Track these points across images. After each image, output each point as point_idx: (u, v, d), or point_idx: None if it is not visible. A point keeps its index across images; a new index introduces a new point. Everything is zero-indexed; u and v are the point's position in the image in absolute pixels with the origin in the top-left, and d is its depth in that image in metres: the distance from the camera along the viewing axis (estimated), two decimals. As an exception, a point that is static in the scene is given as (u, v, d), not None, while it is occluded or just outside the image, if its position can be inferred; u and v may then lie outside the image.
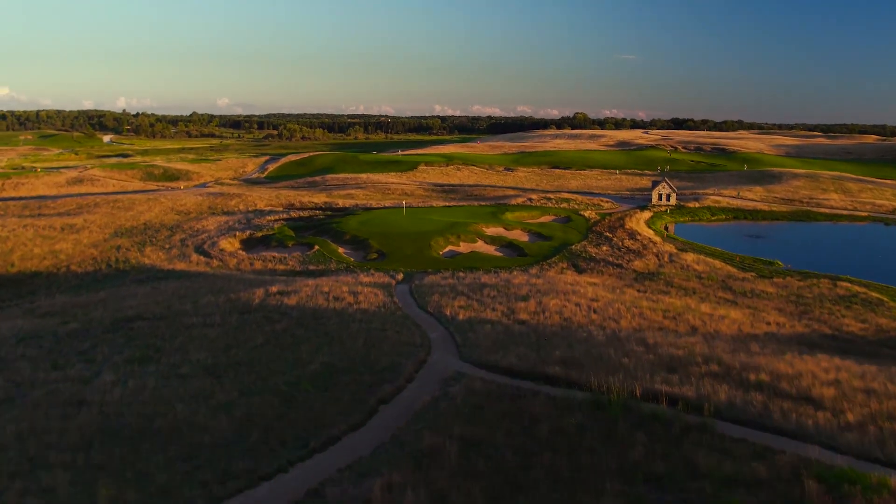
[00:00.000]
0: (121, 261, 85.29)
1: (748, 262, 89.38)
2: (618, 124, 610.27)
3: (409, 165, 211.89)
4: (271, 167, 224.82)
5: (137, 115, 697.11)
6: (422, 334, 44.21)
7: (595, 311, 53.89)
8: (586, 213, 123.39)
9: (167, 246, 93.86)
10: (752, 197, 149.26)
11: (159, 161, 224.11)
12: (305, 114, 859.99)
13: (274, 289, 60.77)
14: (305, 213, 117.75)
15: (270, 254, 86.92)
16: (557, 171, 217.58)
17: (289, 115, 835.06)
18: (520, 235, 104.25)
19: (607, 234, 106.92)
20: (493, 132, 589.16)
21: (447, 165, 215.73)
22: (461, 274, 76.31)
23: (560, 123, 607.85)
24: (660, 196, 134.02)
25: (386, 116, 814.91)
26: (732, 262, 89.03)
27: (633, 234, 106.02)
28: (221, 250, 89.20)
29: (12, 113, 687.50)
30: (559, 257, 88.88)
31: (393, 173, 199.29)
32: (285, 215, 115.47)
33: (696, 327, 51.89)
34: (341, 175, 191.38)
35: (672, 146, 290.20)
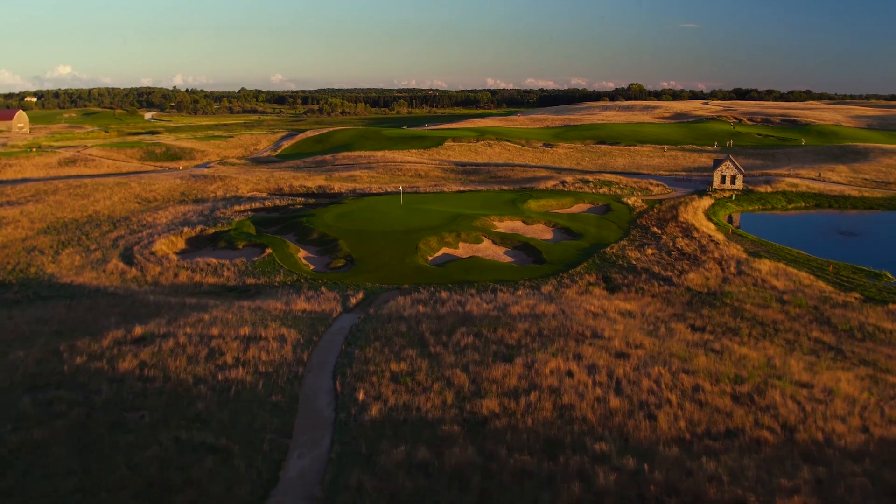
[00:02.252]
0: (19, 268, 66.97)
1: (845, 273, 66.10)
2: (675, 96, 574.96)
3: (435, 141, 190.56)
4: (286, 144, 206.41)
5: (187, 91, 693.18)
6: (268, 470, 23.77)
7: (618, 390, 32.53)
8: (630, 201, 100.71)
9: (93, 247, 75.32)
10: (837, 179, 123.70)
11: (168, 139, 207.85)
12: (356, 88, 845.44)
13: (139, 330, 41.26)
14: (283, 202, 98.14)
15: (208, 259, 67.44)
16: (603, 146, 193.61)
17: (339, 90, 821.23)
18: (541, 232, 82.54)
19: (655, 229, 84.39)
20: (544, 105, 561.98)
21: (477, 141, 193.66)
22: (443, 294, 55.59)
23: (613, 95, 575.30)
24: (723, 178, 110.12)
25: (434, 90, 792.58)
26: (824, 273, 65.88)
27: (688, 230, 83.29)
28: (152, 253, 70.14)
29: (65, 91, 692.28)
30: (587, 265, 67.11)
31: (414, 150, 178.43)
32: (259, 204, 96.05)
33: (790, 426, 30.10)
34: (355, 153, 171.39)
35: (736, 118, 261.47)
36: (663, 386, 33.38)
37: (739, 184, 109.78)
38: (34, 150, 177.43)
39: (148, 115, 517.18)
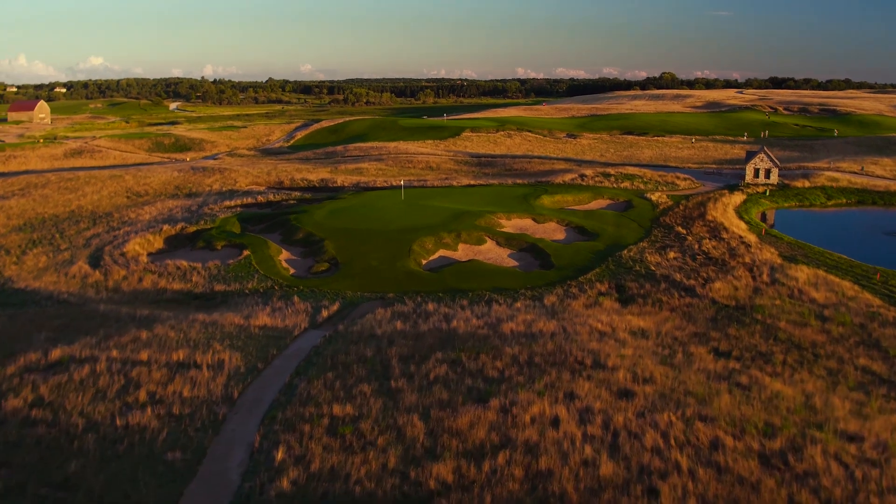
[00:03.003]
0: (-23, 270, 61.72)
1: (895, 282, 58.07)
2: (709, 85, 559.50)
3: (452, 132, 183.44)
4: (300, 135, 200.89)
5: (214, 81, 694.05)
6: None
7: (614, 448, 25.70)
8: (654, 196, 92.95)
9: (64, 247, 69.92)
10: (881, 172, 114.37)
11: (179, 130, 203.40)
12: (384, 78, 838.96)
13: (56, 353, 35.47)
14: (278, 197, 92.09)
15: (179, 262, 61.50)
16: (629, 137, 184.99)
17: (367, 80, 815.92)
18: (552, 231, 75.38)
19: (679, 229, 76.77)
20: (573, 94, 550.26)
21: (497, 131, 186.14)
22: (430, 306, 49.01)
23: (644, 85, 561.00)
24: (756, 171, 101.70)
25: (462, 80, 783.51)
26: (870, 282, 57.95)
27: (716, 230, 75.54)
28: (122, 255, 64.46)
29: (94, 81, 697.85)
30: (600, 271, 59.94)
31: (430, 141, 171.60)
32: (251, 199, 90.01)
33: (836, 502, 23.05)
34: (368, 144, 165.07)
35: (771, 107, 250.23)
36: (672, 441, 26.44)
37: (774, 178, 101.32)
38: (41, 140, 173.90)
39: (173, 106, 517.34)
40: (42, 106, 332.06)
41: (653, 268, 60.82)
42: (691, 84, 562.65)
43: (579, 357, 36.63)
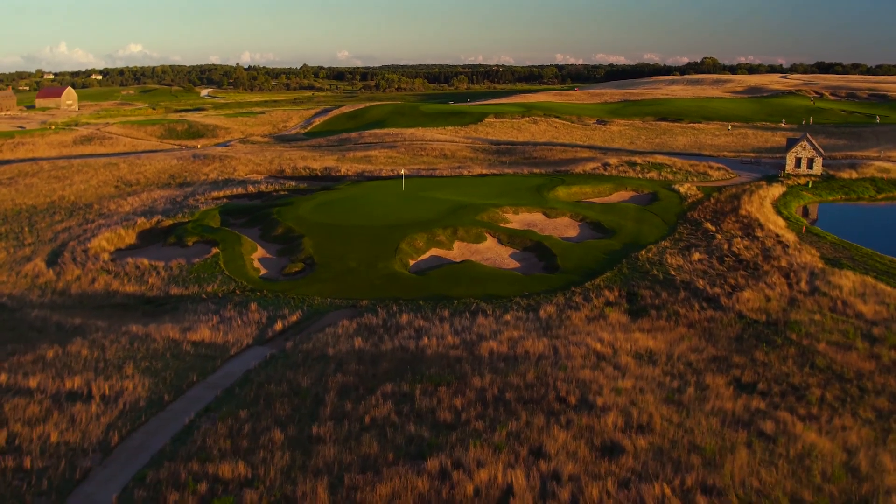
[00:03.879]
0: (-75, 267, 56.86)
1: (960, 291, 49.81)
2: (752, 70, 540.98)
3: (475, 117, 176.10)
4: (318, 121, 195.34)
5: (249, 68, 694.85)
6: None
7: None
8: (682, 188, 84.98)
9: (28, 241, 64.96)
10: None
11: (195, 117, 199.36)
12: (420, 65, 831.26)
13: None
14: (272, 187, 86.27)
15: (140, 261, 55.92)
16: (664, 124, 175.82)
17: (403, 66, 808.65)
18: (564, 228, 68.23)
19: (708, 225, 69.04)
20: (611, 79, 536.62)
21: (522, 117, 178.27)
22: (404, 318, 42.51)
23: (684, 70, 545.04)
24: (797, 161, 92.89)
25: (499, 66, 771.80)
26: (929, 291, 49.77)
27: (749, 227, 67.68)
28: (85, 251, 59.15)
29: (130, 69, 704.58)
30: (611, 276, 52.75)
31: (450, 128, 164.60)
32: (241, 190, 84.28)
33: None
34: (384, 130, 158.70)
35: (816, 92, 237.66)
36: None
37: (818, 168, 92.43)
38: (53, 127, 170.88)
39: (204, 93, 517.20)
40: (69, 92, 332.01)
41: (672, 272, 53.35)
42: (733, 69, 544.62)
43: (563, 391, 29.82)
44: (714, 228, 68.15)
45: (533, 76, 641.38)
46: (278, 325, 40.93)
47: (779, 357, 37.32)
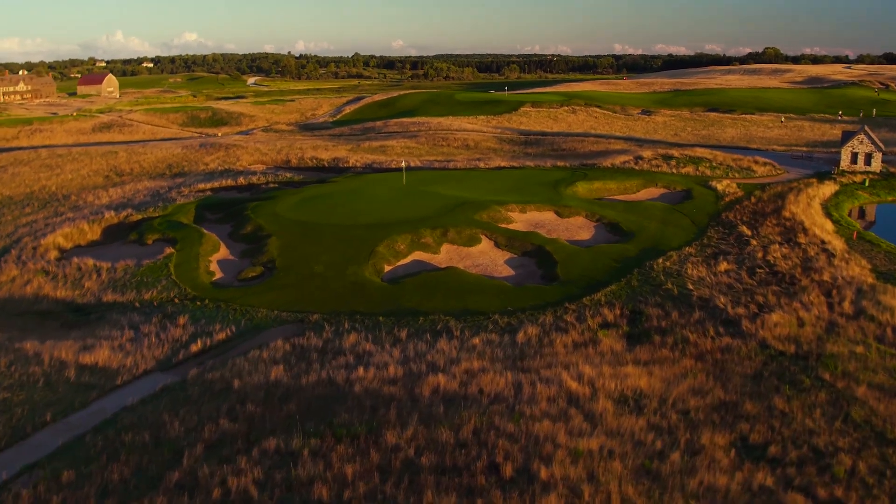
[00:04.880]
0: None
1: None
2: (816, 61, 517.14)
3: (510, 106, 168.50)
4: (349, 109, 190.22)
5: (300, 56, 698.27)
6: None
7: None
8: (720, 185, 76.47)
9: (-15, 235, 60.49)
10: None
11: (224, 105, 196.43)
12: (475, 54, 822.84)
13: None
14: (264, 180, 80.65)
15: (85, 260, 50.75)
16: (713, 115, 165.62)
17: (457, 55, 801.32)
18: (576, 229, 60.85)
19: (744, 228, 60.83)
20: (668, 69, 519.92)
21: (560, 106, 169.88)
22: (350, 339, 36.32)
23: (745, 60, 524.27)
24: (854, 156, 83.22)
25: (554, 55, 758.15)
26: None
27: (791, 231, 59.30)
28: (35, 248, 54.36)
29: (181, 57, 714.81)
30: (616, 289, 45.36)
31: (482, 116, 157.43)
32: (231, 181, 78.97)
33: None
34: (411, 119, 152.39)
35: (882, 83, 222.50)
36: None
37: (877, 164, 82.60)
38: (74, 114, 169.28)
39: (251, 80, 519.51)
40: (110, 80, 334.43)
41: (690, 286, 45.58)
42: (797, 60, 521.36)
43: (501, 455, 22.97)
44: (750, 233, 59.88)
45: (587, 66, 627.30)
46: (196, 346, 34.90)
47: (804, 405, 29.59)
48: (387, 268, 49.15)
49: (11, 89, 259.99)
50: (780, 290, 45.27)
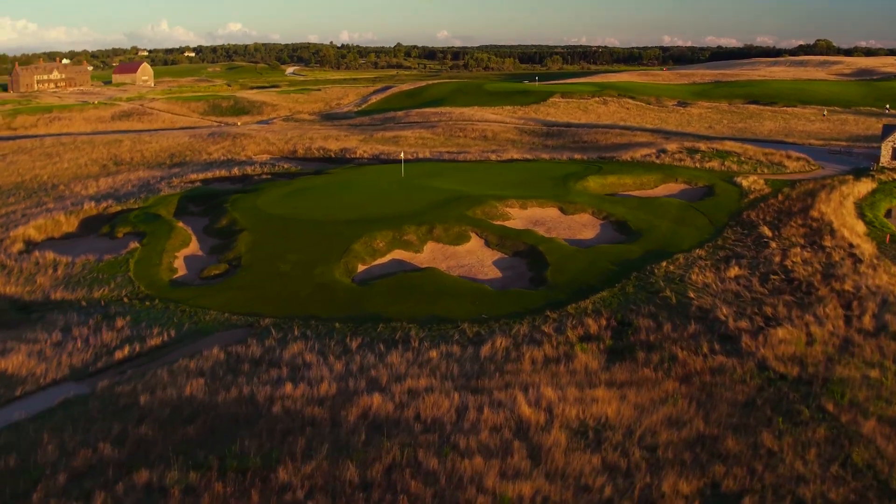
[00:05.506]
0: None
1: None
2: (869, 54, 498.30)
3: (540, 97, 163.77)
4: (375, 98, 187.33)
5: (341, 46, 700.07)
6: None
7: None
8: (746, 181, 71.37)
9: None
10: None
11: (246, 93, 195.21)
12: (520, 45, 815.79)
13: None
14: (259, 171, 77.79)
15: (48, 254, 48.30)
16: (752, 107, 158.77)
17: (502, 46, 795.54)
18: (579, 228, 56.63)
19: (765, 229, 55.98)
20: (716, 60, 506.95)
21: (592, 97, 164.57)
22: (294, 348, 32.68)
23: (795, 52, 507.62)
24: (894, 151, 77.13)
25: (600, 47, 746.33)
26: None
27: (817, 233, 54.29)
28: (2, 240, 51.99)
29: (223, 46, 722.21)
30: (607, 296, 41.23)
31: (508, 107, 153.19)
32: (225, 172, 76.33)
33: None
34: (435, 109, 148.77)
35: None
36: None
37: (923, 161, 76.39)
38: (96, 102, 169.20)
39: (290, 70, 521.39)
40: (144, 68, 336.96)
41: (691, 294, 41.13)
42: (849, 52, 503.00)
43: (405, 501, 19.21)
44: (771, 234, 54.95)
45: (633, 57, 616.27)
46: (122, 353, 31.80)
47: (797, 443, 25.22)
48: (361, 267, 45.65)
49: (46, 77, 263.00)
50: (793, 301, 40.57)
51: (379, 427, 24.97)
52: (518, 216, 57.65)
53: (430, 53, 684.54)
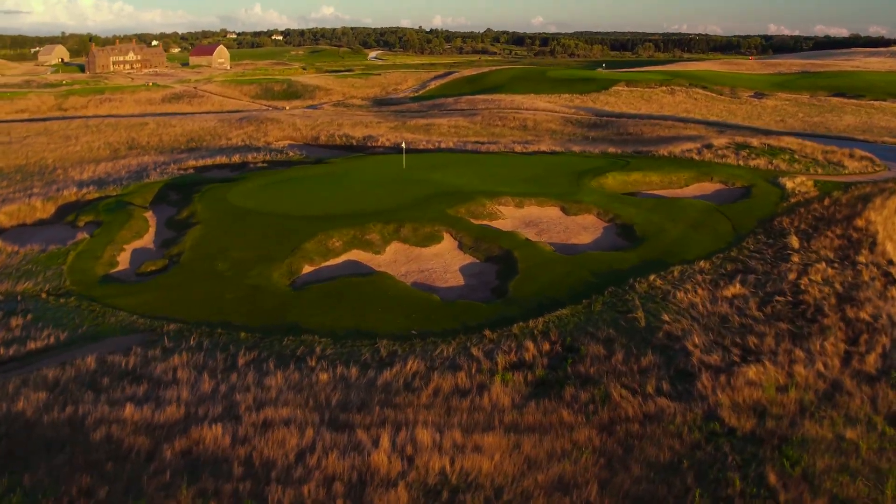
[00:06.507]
0: None
1: None
2: None
3: (601, 85, 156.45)
4: (434, 84, 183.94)
5: (430, 31, 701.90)
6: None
7: None
8: (791, 183, 64.03)
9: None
10: None
11: (301, 77, 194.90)
12: (616, 31, 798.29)
13: None
14: (257, 158, 75.23)
15: (-4, 241, 46.47)
16: (836, 99, 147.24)
17: (597, 33, 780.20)
18: (577, 231, 51.35)
19: (793, 239, 49.39)
20: (817, 49, 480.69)
21: (659, 86, 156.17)
22: (174, 361, 29.23)
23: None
24: (975, 154, 67.84)
25: (698, 34, 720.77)
26: None
27: (853, 246, 47.54)
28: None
29: (310, 30, 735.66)
30: (567, 313, 36.18)
31: (565, 94, 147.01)
32: (225, 159, 73.98)
33: None
34: (486, 96, 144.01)
35: None
36: None
37: None
38: (150, 84, 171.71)
39: (372, 55, 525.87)
40: (221, 51, 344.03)
41: (666, 317, 35.50)
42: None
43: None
44: (798, 245, 48.24)
45: (730, 46, 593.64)
46: (-15, 356, 29.08)
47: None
48: (307, 269, 41.88)
49: (121, 59, 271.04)
50: (788, 330, 34.46)
51: (195, 467, 21.19)
52: (510, 215, 52.73)
53: (518, 39, 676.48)
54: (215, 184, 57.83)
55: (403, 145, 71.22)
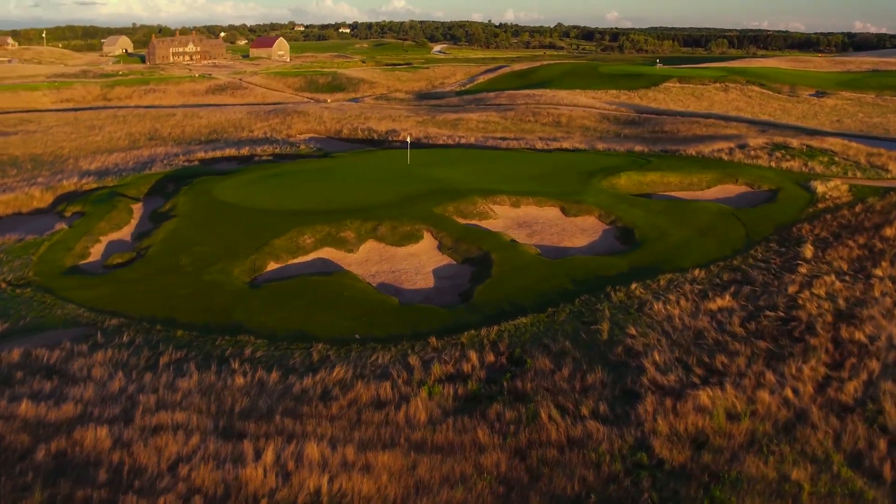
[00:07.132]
0: None
1: None
2: None
3: (651, 81, 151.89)
4: (482, 78, 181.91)
5: (497, 25, 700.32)
6: None
7: None
8: (823, 187, 60.13)
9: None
10: None
11: (350, 70, 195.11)
12: (692, 27, 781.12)
13: None
14: (265, 151, 74.78)
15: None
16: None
17: (673, 28, 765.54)
18: (574, 233, 48.99)
19: (807, 248, 46.08)
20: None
21: (712, 83, 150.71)
22: (97, 358, 28.59)
23: None
24: None
25: (778, 31, 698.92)
26: None
27: (871, 259, 44.21)
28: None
29: (378, 23, 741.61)
30: (526, 322, 34.14)
31: (611, 91, 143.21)
32: (234, 151, 73.82)
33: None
34: (527, 91, 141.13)
35: None
36: None
37: None
38: (198, 76, 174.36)
39: (437, 49, 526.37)
40: (280, 43, 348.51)
41: (632, 330, 33.00)
42: None
43: None
44: (811, 254, 44.85)
45: (809, 43, 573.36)
46: None
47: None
48: (272, 266, 40.74)
49: (181, 50, 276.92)
50: (767, 349, 31.58)
51: (62, 470, 20.14)
52: (503, 215, 50.61)
53: (587, 34, 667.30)
54: (207, 177, 57.38)
55: (408, 139, 69.61)
